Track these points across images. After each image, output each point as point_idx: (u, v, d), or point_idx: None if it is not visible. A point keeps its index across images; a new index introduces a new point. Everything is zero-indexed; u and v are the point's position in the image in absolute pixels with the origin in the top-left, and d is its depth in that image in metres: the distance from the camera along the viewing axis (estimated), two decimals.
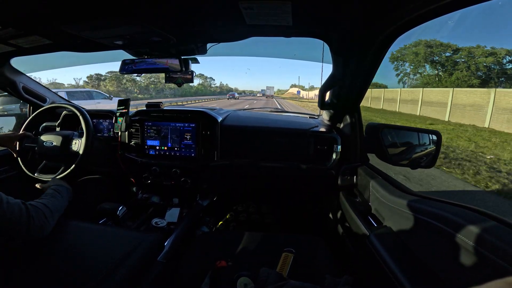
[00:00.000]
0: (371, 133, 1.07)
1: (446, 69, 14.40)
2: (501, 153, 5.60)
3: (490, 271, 0.47)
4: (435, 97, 11.14)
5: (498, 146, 6.27)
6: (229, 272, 0.75)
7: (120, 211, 1.16)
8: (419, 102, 11.78)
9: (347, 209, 1.03)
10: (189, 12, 0.80)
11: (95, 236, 0.87)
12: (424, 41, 15.15)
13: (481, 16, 16.76)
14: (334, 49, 0.95)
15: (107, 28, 0.88)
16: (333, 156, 1.25)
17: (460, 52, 13.74)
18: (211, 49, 1.15)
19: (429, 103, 11.29)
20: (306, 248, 0.88)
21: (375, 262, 0.71)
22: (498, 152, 5.69)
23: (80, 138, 1.28)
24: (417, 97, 12.01)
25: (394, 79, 17.66)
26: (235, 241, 0.94)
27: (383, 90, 15.37)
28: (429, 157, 0.98)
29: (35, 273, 0.68)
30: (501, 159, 5.18)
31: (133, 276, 0.73)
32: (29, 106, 1.60)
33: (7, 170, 1.41)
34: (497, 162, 5.03)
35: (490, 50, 12.66)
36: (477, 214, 0.57)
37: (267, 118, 1.58)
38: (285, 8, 0.71)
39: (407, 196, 0.79)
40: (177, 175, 1.36)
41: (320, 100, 1.18)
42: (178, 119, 1.36)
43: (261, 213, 1.77)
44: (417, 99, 11.96)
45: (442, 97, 10.62)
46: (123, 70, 1.17)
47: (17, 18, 0.83)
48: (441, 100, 10.59)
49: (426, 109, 11.31)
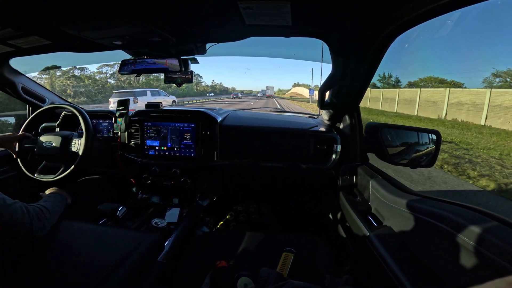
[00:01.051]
0: (370, 132, 1.07)
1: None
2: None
3: (490, 271, 0.47)
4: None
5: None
6: (229, 272, 0.75)
7: (120, 211, 1.16)
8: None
9: (347, 209, 1.03)
10: (188, 12, 0.80)
11: (95, 237, 0.87)
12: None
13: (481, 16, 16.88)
14: (334, 49, 0.95)
15: (107, 28, 0.87)
16: (333, 156, 1.25)
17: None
18: (210, 49, 1.15)
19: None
20: (306, 248, 0.88)
21: (375, 262, 0.71)
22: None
23: (79, 139, 1.27)
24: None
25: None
26: (235, 241, 0.94)
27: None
28: (429, 157, 0.98)
29: (35, 273, 0.68)
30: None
31: (133, 276, 0.73)
32: (28, 107, 1.60)
33: (6, 170, 1.41)
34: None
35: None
36: (478, 213, 0.57)
37: (266, 118, 1.58)
38: (285, 8, 0.71)
39: (407, 195, 0.79)
40: (177, 175, 1.36)
41: (319, 100, 1.19)
42: (177, 119, 1.35)
43: (261, 213, 1.77)
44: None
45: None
46: (123, 70, 1.17)
47: (17, 18, 0.83)
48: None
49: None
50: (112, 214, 1.15)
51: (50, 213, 0.83)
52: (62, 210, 0.93)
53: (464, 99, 9.68)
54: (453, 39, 8.18)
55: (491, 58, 17.02)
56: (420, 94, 11.83)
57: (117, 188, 1.56)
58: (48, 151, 1.27)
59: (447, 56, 8.77)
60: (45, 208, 0.82)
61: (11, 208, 0.70)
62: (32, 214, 0.75)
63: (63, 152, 1.26)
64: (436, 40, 20.90)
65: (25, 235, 0.76)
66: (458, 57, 7.66)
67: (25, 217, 0.73)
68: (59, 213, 0.90)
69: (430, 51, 18.73)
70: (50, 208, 0.85)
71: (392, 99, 13.98)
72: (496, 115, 8.23)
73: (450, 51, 15.03)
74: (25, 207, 0.75)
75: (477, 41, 18.35)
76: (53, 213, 0.85)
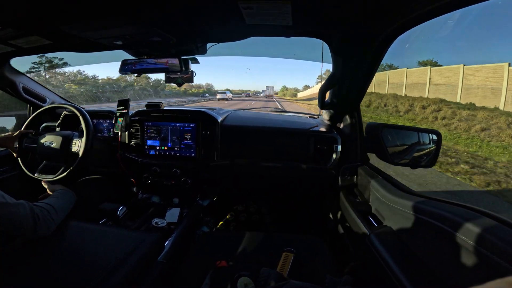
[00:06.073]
0: (371, 132, 1.07)
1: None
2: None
3: (490, 271, 0.47)
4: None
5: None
6: (229, 272, 0.75)
7: (120, 211, 1.16)
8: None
9: (347, 209, 1.03)
10: (189, 12, 0.80)
11: (95, 236, 0.87)
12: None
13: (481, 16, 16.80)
14: (334, 49, 0.95)
15: (107, 28, 0.88)
16: (333, 156, 1.24)
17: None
18: (211, 49, 1.15)
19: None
20: (306, 248, 0.88)
21: (375, 262, 0.71)
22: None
23: (80, 138, 1.27)
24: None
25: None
26: (236, 241, 0.94)
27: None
28: (429, 157, 0.98)
29: (35, 273, 0.68)
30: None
31: (134, 276, 0.73)
32: (29, 107, 1.60)
33: (7, 170, 1.41)
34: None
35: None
36: (478, 213, 0.57)
37: (267, 118, 1.58)
38: (285, 8, 0.71)
39: (408, 196, 0.79)
40: (177, 175, 1.36)
41: (320, 100, 1.18)
42: (178, 119, 1.36)
43: (261, 213, 1.77)
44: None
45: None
46: (123, 70, 1.17)
47: (17, 18, 0.83)
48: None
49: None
50: (113, 214, 1.15)
51: (57, 214, 0.82)
52: (68, 211, 0.92)
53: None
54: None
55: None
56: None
57: (117, 188, 1.56)
58: (48, 150, 1.27)
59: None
60: (52, 208, 0.81)
61: (14, 209, 0.69)
62: (37, 215, 0.74)
63: (64, 152, 1.26)
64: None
65: (28, 236, 0.75)
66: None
67: (29, 218, 0.72)
68: (66, 213, 0.89)
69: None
70: (58, 208, 0.84)
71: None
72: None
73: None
74: (30, 207, 0.74)
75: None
76: (60, 213, 0.85)
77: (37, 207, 0.77)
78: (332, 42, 0.93)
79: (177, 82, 1.22)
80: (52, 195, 0.94)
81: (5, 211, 0.67)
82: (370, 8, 0.68)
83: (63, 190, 0.99)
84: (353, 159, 1.21)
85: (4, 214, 0.67)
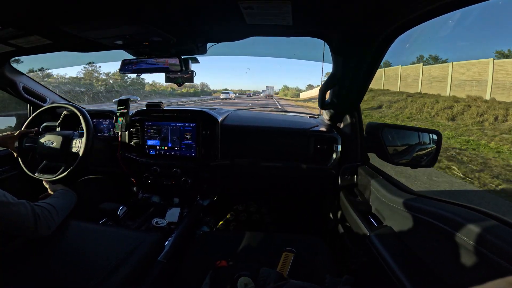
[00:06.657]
0: (371, 132, 1.07)
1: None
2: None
3: (490, 271, 0.47)
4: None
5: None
6: (229, 272, 0.75)
7: (120, 211, 1.16)
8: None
9: (347, 208, 1.03)
10: (189, 12, 0.80)
11: (95, 236, 0.87)
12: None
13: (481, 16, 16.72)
14: (334, 48, 0.95)
15: (107, 28, 0.87)
16: (333, 155, 1.24)
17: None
18: (211, 48, 1.15)
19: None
20: (306, 248, 0.88)
21: (375, 261, 0.71)
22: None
23: (80, 138, 1.27)
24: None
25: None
26: (236, 241, 0.94)
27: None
28: (429, 157, 0.98)
29: (35, 272, 0.68)
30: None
31: (134, 275, 0.73)
32: (29, 106, 1.60)
33: (7, 170, 1.41)
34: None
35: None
36: (478, 213, 0.57)
37: (267, 117, 1.58)
38: (285, 8, 0.71)
39: (408, 195, 0.79)
40: (178, 175, 1.36)
41: (320, 99, 1.18)
42: (178, 119, 1.36)
43: (261, 212, 1.77)
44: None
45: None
46: (123, 70, 1.17)
47: (17, 18, 0.83)
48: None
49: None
50: (113, 214, 1.15)
51: (57, 213, 0.82)
52: (69, 211, 0.92)
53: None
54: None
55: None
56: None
57: (118, 187, 1.57)
58: (48, 150, 1.27)
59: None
60: (53, 208, 0.81)
61: (15, 208, 0.69)
62: (38, 214, 0.74)
63: (64, 151, 1.26)
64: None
65: (29, 236, 0.75)
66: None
67: (30, 218, 0.72)
68: (67, 213, 0.89)
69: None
70: (59, 207, 0.84)
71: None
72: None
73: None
74: (31, 207, 0.74)
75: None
76: (61, 213, 0.85)
77: (38, 206, 0.77)
78: (332, 42, 0.93)
79: (177, 82, 1.22)
80: (53, 195, 0.94)
81: (7, 210, 0.67)
82: (370, 8, 0.68)
83: (64, 190, 0.99)
84: (353, 159, 1.21)
85: (6, 213, 0.67)
